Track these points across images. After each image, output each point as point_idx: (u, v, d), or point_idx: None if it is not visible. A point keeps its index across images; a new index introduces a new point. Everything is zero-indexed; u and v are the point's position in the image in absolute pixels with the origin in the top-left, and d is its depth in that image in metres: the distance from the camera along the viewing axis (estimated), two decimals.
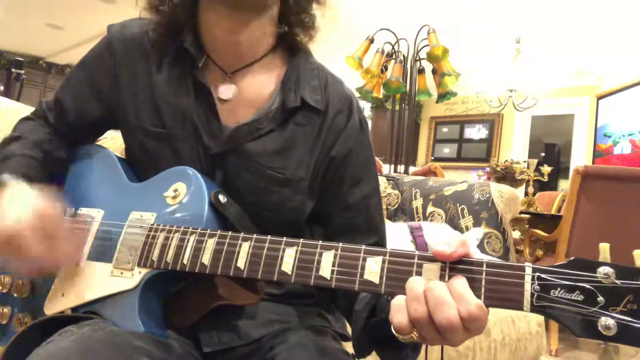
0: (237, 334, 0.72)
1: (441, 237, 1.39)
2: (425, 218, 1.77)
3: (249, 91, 0.77)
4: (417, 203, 1.82)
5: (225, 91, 0.76)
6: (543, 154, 7.71)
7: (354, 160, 0.79)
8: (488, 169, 4.55)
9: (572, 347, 2.81)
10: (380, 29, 3.25)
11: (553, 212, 4.06)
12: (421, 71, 3.36)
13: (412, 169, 3.80)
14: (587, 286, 0.43)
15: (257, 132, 0.74)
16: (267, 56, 0.78)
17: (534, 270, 0.45)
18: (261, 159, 0.74)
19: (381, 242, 0.84)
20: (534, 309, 0.45)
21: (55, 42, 7.22)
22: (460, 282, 0.48)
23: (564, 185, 7.24)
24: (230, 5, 0.71)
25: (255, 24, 0.73)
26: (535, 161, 3.92)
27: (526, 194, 3.76)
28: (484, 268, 0.48)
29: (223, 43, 0.75)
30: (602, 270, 0.43)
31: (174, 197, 0.69)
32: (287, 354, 0.67)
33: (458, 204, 1.69)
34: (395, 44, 3.31)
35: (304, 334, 0.73)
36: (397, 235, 1.51)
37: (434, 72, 3.13)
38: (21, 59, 3.60)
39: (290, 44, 0.80)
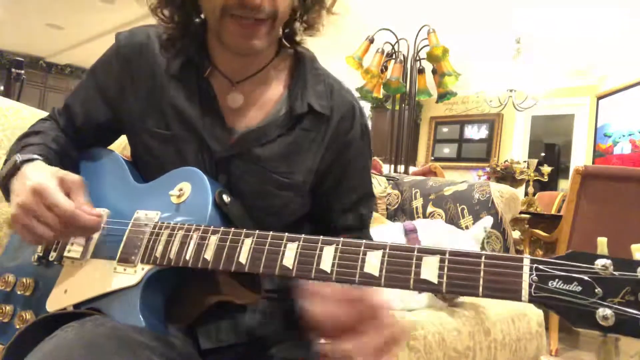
0: (236, 331, 0.72)
1: (435, 238, 1.38)
2: (425, 218, 1.77)
3: (256, 97, 0.79)
4: (417, 203, 1.82)
5: (232, 100, 0.78)
6: (543, 154, 7.69)
7: (353, 167, 0.83)
8: (488, 169, 4.54)
9: (572, 347, 2.81)
10: (380, 29, 3.25)
11: (553, 212, 4.06)
12: (421, 71, 3.36)
13: (412, 169, 3.80)
14: (585, 278, 0.44)
15: (265, 138, 0.76)
16: (272, 62, 0.80)
17: (532, 261, 0.46)
18: (267, 163, 0.76)
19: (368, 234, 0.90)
20: (532, 299, 0.45)
21: (55, 42, 7.21)
22: None
23: (564, 185, 7.23)
24: (235, 52, 0.74)
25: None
26: (535, 161, 3.92)
27: (526, 194, 3.76)
28: (483, 260, 0.48)
29: (230, 60, 0.77)
30: (600, 262, 0.44)
31: (179, 196, 0.70)
32: (286, 352, 0.67)
33: (458, 204, 1.69)
34: (395, 44, 3.31)
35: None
36: (392, 237, 1.51)
37: (434, 72, 3.13)
38: (21, 59, 3.59)
39: (295, 48, 0.82)
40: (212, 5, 0.69)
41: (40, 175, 0.67)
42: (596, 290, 0.43)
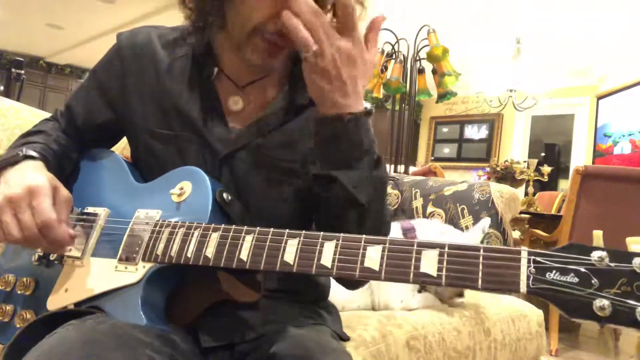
0: (236, 330, 0.72)
1: (432, 234, 1.38)
2: (425, 218, 1.77)
3: (260, 99, 0.80)
4: (417, 203, 1.82)
5: (237, 103, 0.79)
6: (543, 154, 7.69)
7: None
8: (488, 169, 4.54)
9: (572, 347, 2.81)
10: (380, 29, 3.24)
11: (553, 212, 4.06)
12: (421, 71, 3.36)
13: (412, 169, 3.80)
14: (582, 269, 0.44)
15: (267, 128, 0.77)
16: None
17: (530, 253, 0.47)
18: (272, 152, 0.77)
19: None
20: (530, 290, 0.46)
21: (55, 42, 7.22)
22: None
23: (564, 185, 7.23)
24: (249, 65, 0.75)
25: None
26: (535, 161, 3.92)
27: (526, 194, 3.76)
28: (481, 253, 0.49)
29: (238, 64, 0.78)
30: (596, 254, 0.44)
31: (180, 195, 0.71)
32: (287, 351, 0.67)
33: (458, 204, 1.69)
34: (395, 44, 3.31)
35: (304, 332, 0.73)
36: (391, 236, 1.50)
37: (434, 72, 3.13)
38: (21, 59, 3.60)
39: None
40: (244, 19, 0.69)
41: (39, 177, 0.68)
42: (593, 281, 0.44)
